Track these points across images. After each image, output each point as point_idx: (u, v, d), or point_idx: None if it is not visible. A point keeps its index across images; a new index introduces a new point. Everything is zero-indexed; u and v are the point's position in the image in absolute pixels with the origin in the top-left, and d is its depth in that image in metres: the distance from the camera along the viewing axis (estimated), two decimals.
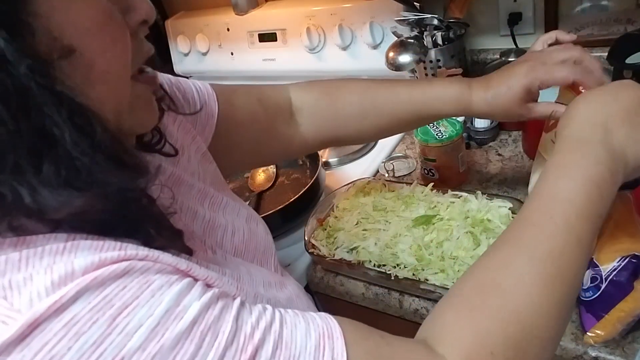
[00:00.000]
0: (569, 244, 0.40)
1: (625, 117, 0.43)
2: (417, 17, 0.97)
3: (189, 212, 0.52)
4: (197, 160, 0.58)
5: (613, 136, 0.43)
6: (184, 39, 1.42)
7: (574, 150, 0.43)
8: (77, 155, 0.31)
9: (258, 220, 0.63)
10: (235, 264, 0.52)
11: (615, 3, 0.92)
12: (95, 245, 0.32)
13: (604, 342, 0.58)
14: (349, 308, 0.81)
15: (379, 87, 0.68)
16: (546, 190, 0.42)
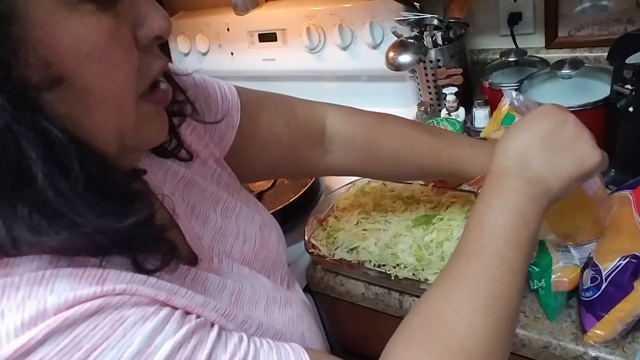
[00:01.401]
0: (501, 271, 0.43)
1: (541, 144, 0.46)
2: (417, 17, 0.97)
3: (200, 217, 0.51)
4: (211, 164, 0.56)
5: (531, 164, 0.46)
6: (184, 39, 1.42)
7: (495, 182, 0.47)
8: (52, 198, 0.30)
9: (272, 228, 0.62)
10: (239, 276, 0.52)
11: (615, 3, 0.92)
12: (75, 274, 0.31)
13: (604, 342, 0.58)
14: (349, 308, 0.81)
15: (420, 140, 0.66)
16: (476, 222, 0.46)
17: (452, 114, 0.96)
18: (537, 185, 0.46)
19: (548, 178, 0.46)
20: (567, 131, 0.47)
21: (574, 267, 0.62)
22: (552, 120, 0.47)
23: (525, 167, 0.46)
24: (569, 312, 0.63)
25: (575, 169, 0.46)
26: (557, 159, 0.46)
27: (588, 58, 0.96)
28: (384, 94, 1.23)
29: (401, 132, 0.67)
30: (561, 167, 0.46)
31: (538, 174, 0.46)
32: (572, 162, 0.46)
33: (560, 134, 0.46)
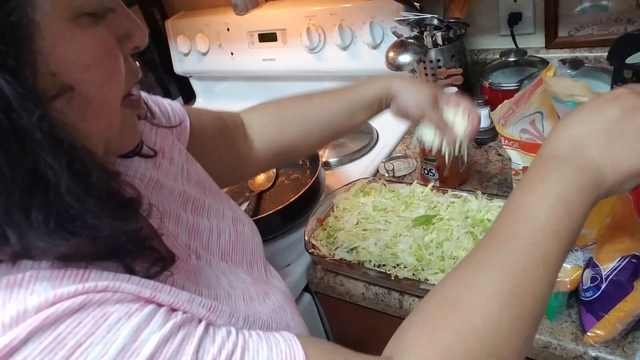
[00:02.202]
0: (532, 262, 0.39)
1: (603, 130, 0.42)
2: (417, 17, 0.97)
3: (172, 216, 0.52)
4: (182, 160, 0.57)
5: (586, 152, 0.42)
6: (184, 39, 1.42)
7: (544, 166, 0.43)
8: (70, 201, 0.31)
9: (245, 222, 0.63)
10: (219, 271, 0.52)
11: (615, 3, 0.92)
12: (56, 275, 0.31)
13: (604, 342, 0.58)
14: (349, 308, 0.81)
15: (314, 95, 0.76)
16: (514, 207, 0.42)
17: None
18: (590, 175, 0.41)
19: (604, 169, 0.41)
20: (637, 119, 0.42)
21: (576, 267, 0.62)
22: (623, 107, 0.42)
23: (580, 153, 0.42)
24: (569, 312, 0.63)
25: (637, 163, 0.42)
26: (619, 150, 0.42)
27: (588, 58, 0.97)
28: None
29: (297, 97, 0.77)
30: (622, 159, 0.41)
31: (593, 163, 0.41)
32: (634, 154, 0.42)
33: (629, 122, 0.42)
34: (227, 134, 0.71)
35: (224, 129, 0.71)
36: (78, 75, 0.32)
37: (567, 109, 0.60)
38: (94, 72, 0.33)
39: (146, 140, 0.53)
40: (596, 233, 0.62)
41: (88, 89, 0.33)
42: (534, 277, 0.39)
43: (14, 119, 0.28)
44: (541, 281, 0.40)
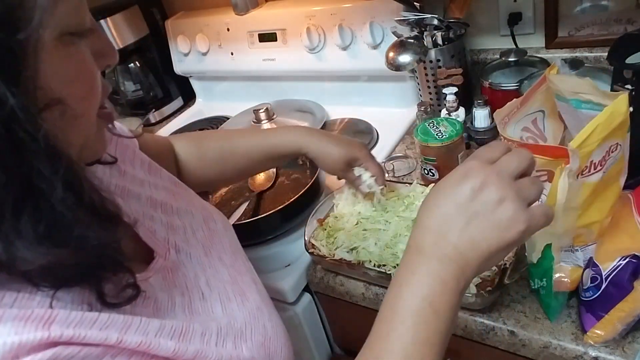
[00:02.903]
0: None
1: (458, 213, 0.43)
2: (417, 17, 0.97)
3: (146, 216, 0.53)
4: (144, 170, 0.59)
5: (446, 240, 0.43)
6: (184, 39, 1.42)
7: (410, 264, 0.44)
8: (61, 210, 0.32)
9: (217, 219, 0.64)
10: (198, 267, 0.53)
11: (615, 3, 0.92)
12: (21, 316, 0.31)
13: (604, 342, 0.58)
14: (349, 308, 0.81)
15: (235, 135, 0.83)
16: (385, 315, 0.44)
17: (452, 114, 0.96)
18: (453, 264, 0.43)
19: (466, 253, 0.43)
20: (487, 197, 0.42)
21: (576, 267, 0.62)
22: (472, 186, 0.43)
23: (441, 242, 0.43)
24: (569, 312, 0.63)
25: (495, 240, 0.42)
26: (475, 232, 0.42)
27: (588, 58, 0.97)
28: (384, 94, 1.23)
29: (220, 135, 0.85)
30: (480, 240, 0.42)
31: (454, 250, 0.43)
32: (491, 232, 0.42)
33: (479, 201, 0.43)
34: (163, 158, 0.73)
35: (161, 152, 0.75)
36: (64, 90, 0.34)
37: (571, 108, 0.59)
38: (77, 87, 0.35)
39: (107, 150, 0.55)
40: (597, 233, 0.62)
41: (72, 102, 0.34)
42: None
43: (14, 130, 0.29)
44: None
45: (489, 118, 0.95)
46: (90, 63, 0.37)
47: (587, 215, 0.59)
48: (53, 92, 0.33)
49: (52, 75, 0.33)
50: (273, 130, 0.82)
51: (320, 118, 1.23)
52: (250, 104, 1.36)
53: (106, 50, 0.40)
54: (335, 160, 0.75)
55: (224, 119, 1.42)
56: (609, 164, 0.57)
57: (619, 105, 0.53)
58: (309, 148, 0.75)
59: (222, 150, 0.80)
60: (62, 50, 0.34)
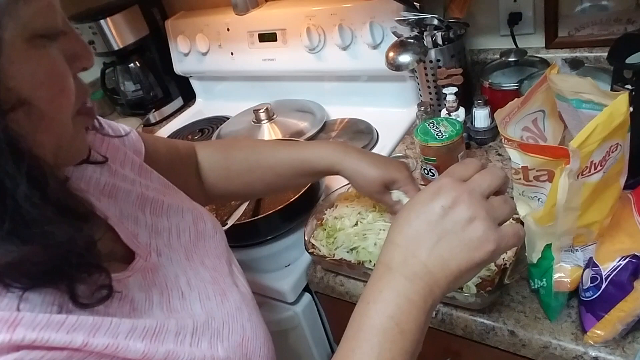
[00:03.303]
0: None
1: (428, 231, 0.43)
2: (417, 17, 0.97)
3: (131, 219, 0.53)
4: (135, 172, 0.58)
5: (415, 257, 0.43)
6: (184, 39, 1.42)
7: (378, 281, 0.44)
8: (27, 207, 0.32)
9: (206, 219, 0.63)
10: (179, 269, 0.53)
11: (615, 3, 0.92)
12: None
13: (604, 342, 0.58)
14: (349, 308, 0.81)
15: (263, 146, 0.77)
16: (352, 333, 0.44)
17: (452, 114, 0.96)
18: (421, 283, 0.42)
19: (434, 271, 0.42)
20: (457, 215, 0.43)
21: (576, 267, 0.62)
22: (443, 204, 0.43)
23: (410, 259, 0.43)
24: (569, 312, 0.63)
25: (465, 259, 0.42)
26: (445, 250, 0.42)
27: (588, 58, 0.97)
28: (384, 94, 1.23)
29: (248, 145, 0.79)
30: (449, 259, 0.42)
31: (423, 268, 0.43)
32: (460, 252, 0.42)
33: (449, 219, 0.43)
34: (179, 165, 0.72)
35: (176, 160, 0.72)
36: (31, 91, 0.34)
37: (571, 108, 0.59)
38: (46, 89, 0.35)
39: (96, 149, 0.54)
40: (597, 233, 0.62)
41: (40, 104, 0.35)
42: None
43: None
44: None
45: (489, 118, 0.95)
46: (61, 66, 0.37)
47: (587, 215, 0.59)
48: (20, 94, 0.33)
49: (19, 77, 0.33)
50: (305, 144, 0.75)
51: (320, 118, 1.23)
52: (250, 104, 1.36)
53: (80, 52, 0.40)
54: (371, 182, 0.68)
55: (224, 119, 1.42)
56: (609, 164, 0.57)
57: (618, 105, 0.53)
58: (342, 166, 0.70)
59: (248, 162, 0.75)
60: (31, 52, 0.34)
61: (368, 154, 0.72)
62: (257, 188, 0.78)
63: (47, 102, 0.35)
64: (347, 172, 0.70)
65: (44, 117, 0.35)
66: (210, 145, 0.80)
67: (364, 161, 0.69)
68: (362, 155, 0.70)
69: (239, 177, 0.76)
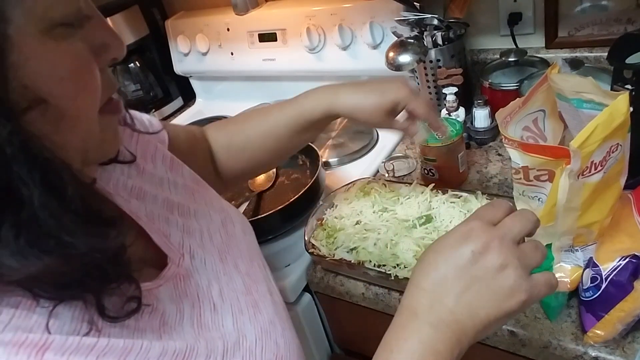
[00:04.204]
0: None
1: (457, 277, 0.41)
2: (417, 17, 0.97)
3: (161, 218, 0.50)
4: (166, 166, 0.56)
5: (442, 304, 0.41)
6: (184, 39, 1.42)
7: (402, 329, 0.42)
8: (44, 217, 0.30)
9: (236, 221, 0.61)
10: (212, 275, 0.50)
11: (615, 3, 0.92)
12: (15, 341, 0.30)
13: (604, 342, 0.58)
14: (349, 308, 0.81)
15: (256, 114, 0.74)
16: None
17: (452, 114, 0.96)
18: (448, 331, 0.40)
19: (462, 320, 0.40)
20: (488, 262, 0.40)
21: (576, 267, 0.62)
22: (473, 249, 0.41)
23: (437, 306, 0.41)
24: (569, 312, 0.63)
25: (494, 309, 0.40)
26: (474, 298, 0.40)
27: (588, 58, 0.97)
28: None
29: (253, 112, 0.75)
30: (479, 308, 0.40)
31: (450, 316, 0.40)
32: (489, 300, 0.40)
33: (480, 265, 0.40)
34: (197, 152, 0.71)
35: (195, 146, 0.71)
36: (51, 89, 0.31)
37: (572, 108, 0.59)
38: (68, 86, 0.32)
39: (126, 145, 0.52)
40: (597, 233, 0.62)
41: (61, 101, 0.32)
42: None
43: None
44: None
45: (489, 118, 0.95)
46: (85, 59, 0.34)
47: (588, 215, 0.59)
48: (38, 92, 0.31)
49: (36, 74, 0.30)
50: (294, 99, 0.69)
51: None
52: (250, 104, 1.35)
53: (108, 41, 0.36)
54: (373, 112, 0.63)
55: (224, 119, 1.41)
56: (609, 164, 0.57)
57: (618, 105, 0.53)
58: (337, 105, 0.65)
59: (245, 133, 0.72)
60: (50, 45, 0.31)
61: (361, 84, 0.67)
62: (262, 159, 0.74)
63: (69, 100, 0.33)
64: (345, 110, 0.65)
65: (64, 117, 0.33)
66: (213, 126, 0.77)
67: (359, 93, 0.64)
68: (356, 88, 0.65)
69: (240, 153, 0.73)
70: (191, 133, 0.72)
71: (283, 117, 0.69)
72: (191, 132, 0.72)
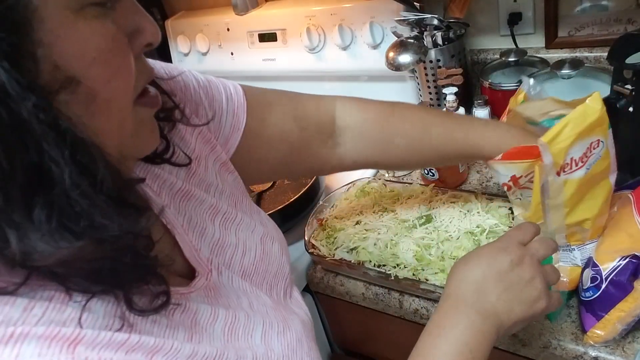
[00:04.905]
0: None
1: (498, 279, 0.48)
2: (417, 17, 0.97)
3: (197, 229, 0.49)
4: (215, 170, 0.54)
5: (486, 297, 0.48)
6: (184, 39, 1.42)
7: (451, 310, 0.48)
8: (75, 197, 0.29)
9: (275, 239, 0.59)
10: (240, 291, 0.50)
11: (615, 3, 0.92)
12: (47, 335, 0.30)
13: (604, 342, 0.58)
14: (349, 308, 0.81)
15: (434, 122, 0.64)
16: (426, 351, 0.47)
17: None
18: (490, 321, 0.47)
19: (501, 315, 0.48)
20: (523, 272, 0.49)
21: (574, 267, 0.62)
22: (511, 259, 0.49)
23: (483, 299, 0.48)
24: (569, 312, 0.63)
25: (524, 311, 0.48)
26: (511, 297, 0.48)
27: (588, 58, 0.97)
28: (384, 94, 1.23)
29: (414, 116, 0.65)
30: (515, 306, 0.48)
31: (492, 308, 0.47)
32: (521, 303, 0.48)
33: (516, 273, 0.49)
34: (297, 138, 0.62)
35: (293, 132, 0.62)
36: (82, 70, 0.31)
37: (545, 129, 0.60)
38: (100, 67, 0.32)
39: (184, 145, 0.51)
40: (591, 231, 0.62)
41: (93, 84, 0.31)
42: None
43: (12, 110, 0.27)
44: None
45: (489, 118, 0.95)
46: (118, 41, 0.33)
47: (577, 212, 0.60)
48: (69, 72, 0.30)
49: (67, 53, 0.30)
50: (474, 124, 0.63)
51: None
52: None
53: (142, 26, 0.35)
54: None
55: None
56: (592, 161, 0.57)
57: (592, 102, 0.55)
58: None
59: (413, 138, 0.64)
60: (81, 25, 0.30)
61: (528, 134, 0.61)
62: (410, 163, 0.70)
63: (102, 82, 0.32)
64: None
65: (96, 99, 0.32)
66: (364, 108, 0.66)
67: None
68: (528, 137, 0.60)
69: (397, 153, 0.65)
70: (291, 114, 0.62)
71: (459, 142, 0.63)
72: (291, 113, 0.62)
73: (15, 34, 0.27)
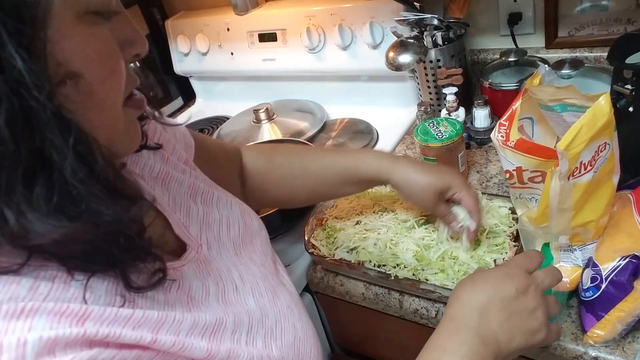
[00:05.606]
0: None
1: (502, 306, 0.49)
2: (417, 17, 0.97)
3: (183, 208, 0.53)
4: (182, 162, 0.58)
5: (489, 324, 0.48)
6: (184, 39, 1.42)
7: (453, 334, 0.48)
8: (73, 182, 0.31)
9: (252, 215, 0.63)
10: (229, 263, 0.53)
11: (615, 3, 0.92)
12: (56, 310, 0.31)
13: (604, 342, 0.58)
14: (349, 308, 0.81)
15: (308, 152, 0.76)
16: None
17: (452, 114, 0.96)
18: (492, 347, 0.47)
19: (501, 341, 0.48)
20: (527, 302, 0.49)
21: (575, 267, 0.62)
22: (517, 287, 0.49)
23: (485, 323, 0.48)
24: (569, 312, 0.63)
25: (524, 340, 0.48)
26: (514, 327, 0.48)
27: (588, 58, 0.97)
28: (384, 94, 1.23)
29: (292, 149, 0.78)
30: (516, 335, 0.48)
31: (493, 334, 0.48)
32: (522, 332, 0.48)
33: (520, 302, 0.49)
34: (226, 165, 0.71)
35: (224, 159, 0.71)
36: (82, 68, 0.33)
37: (556, 114, 0.60)
38: (97, 68, 0.34)
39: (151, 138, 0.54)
40: (594, 232, 0.62)
41: (91, 82, 0.34)
42: None
43: (24, 97, 0.29)
44: None
45: (489, 118, 0.95)
46: (113, 47, 0.36)
47: (582, 215, 0.60)
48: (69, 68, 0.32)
49: (70, 52, 0.32)
50: (351, 152, 0.74)
51: (320, 118, 1.23)
52: (250, 104, 1.36)
53: (133, 38, 0.39)
54: (424, 190, 0.66)
55: (224, 119, 1.42)
56: (599, 164, 0.57)
57: (601, 104, 0.54)
58: (391, 173, 0.67)
59: (292, 167, 0.73)
60: (83, 28, 0.33)
61: (418, 162, 0.69)
62: (299, 195, 0.75)
63: (98, 81, 0.34)
64: (397, 180, 0.67)
65: (93, 95, 0.34)
66: (254, 148, 0.79)
67: (414, 169, 0.67)
68: (412, 164, 0.68)
69: (282, 183, 0.74)
70: (222, 147, 0.73)
71: (335, 165, 0.71)
72: (222, 146, 0.73)
73: (33, 27, 0.30)
